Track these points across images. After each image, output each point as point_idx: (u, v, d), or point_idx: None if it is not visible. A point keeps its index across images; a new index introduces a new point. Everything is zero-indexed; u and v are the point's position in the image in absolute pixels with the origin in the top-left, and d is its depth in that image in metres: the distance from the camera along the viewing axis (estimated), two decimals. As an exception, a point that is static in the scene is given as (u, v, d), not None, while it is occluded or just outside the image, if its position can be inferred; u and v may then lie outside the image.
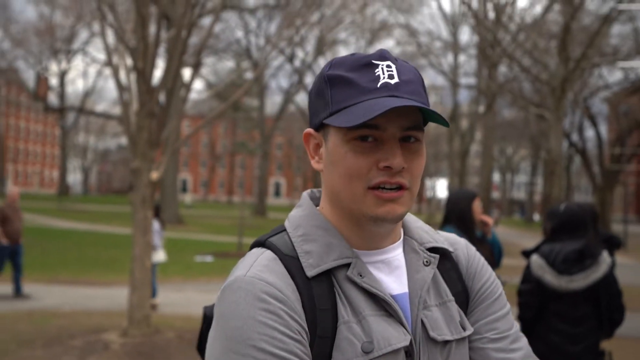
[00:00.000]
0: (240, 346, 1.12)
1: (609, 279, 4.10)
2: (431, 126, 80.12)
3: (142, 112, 8.61)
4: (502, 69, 30.54)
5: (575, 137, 43.07)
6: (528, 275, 4.25)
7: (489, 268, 1.41)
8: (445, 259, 1.36)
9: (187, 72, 22.34)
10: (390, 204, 1.20)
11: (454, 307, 1.31)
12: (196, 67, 12.63)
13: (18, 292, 11.65)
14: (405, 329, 1.22)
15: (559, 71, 17.74)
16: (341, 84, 1.22)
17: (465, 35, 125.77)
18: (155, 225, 11.19)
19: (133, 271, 8.55)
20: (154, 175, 8.65)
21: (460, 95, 43.33)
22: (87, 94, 69.80)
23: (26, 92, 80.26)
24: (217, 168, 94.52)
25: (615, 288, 4.14)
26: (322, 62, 44.43)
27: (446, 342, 1.26)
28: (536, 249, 4.30)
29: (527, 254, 4.35)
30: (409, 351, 1.21)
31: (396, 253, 1.30)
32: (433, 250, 1.35)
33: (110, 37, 9.64)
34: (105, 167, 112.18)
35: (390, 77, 1.21)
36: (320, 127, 1.27)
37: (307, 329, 1.16)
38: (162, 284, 12.74)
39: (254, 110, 53.98)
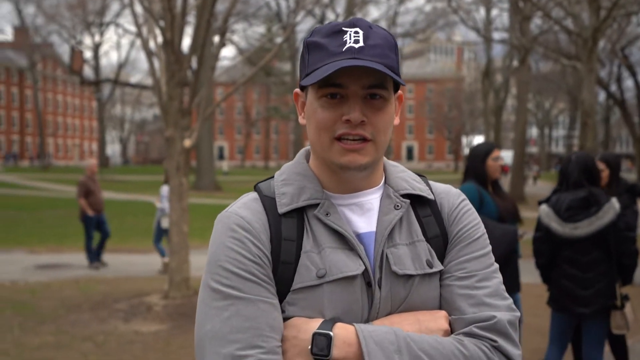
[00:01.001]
0: (212, 266, 1.37)
1: (617, 225, 4.19)
2: (466, 82, 78.71)
3: (172, 81, 8.79)
4: (537, 21, 30.04)
5: (613, 87, 42.26)
6: (538, 224, 4.41)
7: (470, 216, 1.53)
8: (426, 205, 1.52)
9: (216, 40, 22.46)
10: (353, 154, 1.38)
11: (423, 247, 1.46)
12: (223, 34, 12.74)
13: (98, 258, 12.15)
14: (362, 261, 1.39)
15: (590, 22, 17.43)
16: (315, 49, 1.40)
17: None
18: (166, 191, 11.65)
19: (171, 236, 8.84)
20: (187, 142, 8.86)
21: (494, 50, 42.58)
22: (121, 65, 70.40)
23: (62, 66, 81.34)
24: (252, 134, 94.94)
25: (624, 234, 4.23)
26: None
27: (409, 277, 1.42)
28: (548, 199, 4.44)
29: (540, 203, 4.49)
30: (369, 282, 1.39)
31: (371, 197, 1.48)
32: (409, 196, 1.50)
33: (139, 8, 9.80)
34: (142, 137, 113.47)
35: (356, 42, 1.36)
36: (303, 87, 1.46)
37: (269, 255, 1.38)
38: (200, 248, 13.07)
39: (287, 74, 53.95)
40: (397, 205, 1.47)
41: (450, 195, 1.56)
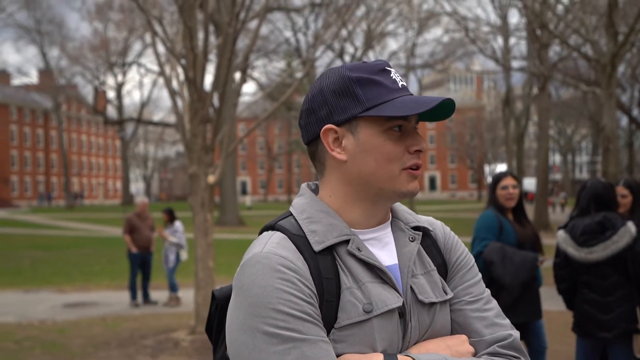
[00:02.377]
0: (262, 309, 1.31)
1: (635, 249, 4.21)
2: (487, 111, 78.61)
3: (195, 119, 8.95)
4: (555, 48, 30.09)
5: (635, 112, 42.01)
6: (557, 250, 4.48)
7: (462, 244, 1.64)
8: (426, 236, 1.60)
9: (237, 77, 22.73)
10: (416, 181, 1.48)
11: (437, 275, 1.54)
12: (244, 71, 12.94)
13: (146, 299, 12.20)
14: (398, 293, 1.45)
15: (608, 48, 17.45)
16: (370, 84, 1.45)
17: (515, 17, 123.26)
18: (178, 226, 12.18)
19: (197, 272, 8.92)
20: (211, 178, 8.98)
21: (513, 78, 42.62)
22: (144, 104, 71.38)
23: (86, 107, 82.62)
24: (274, 168, 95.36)
25: None
26: (372, 56, 44.41)
27: (432, 304, 1.49)
28: (566, 225, 4.50)
29: (560, 229, 4.57)
30: (401, 312, 1.44)
31: (386, 232, 1.54)
32: (416, 228, 1.59)
33: (161, 48, 10.02)
34: (165, 175, 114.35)
35: (401, 80, 1.49)
36: (344, 122, 1.47)
37: (317, 293, 1.36)
38: (226, 284, 13.10)
39: (307, 108, 54.07)
40: (412, 238, 1.54)
41: (439, 226, 1.66)
